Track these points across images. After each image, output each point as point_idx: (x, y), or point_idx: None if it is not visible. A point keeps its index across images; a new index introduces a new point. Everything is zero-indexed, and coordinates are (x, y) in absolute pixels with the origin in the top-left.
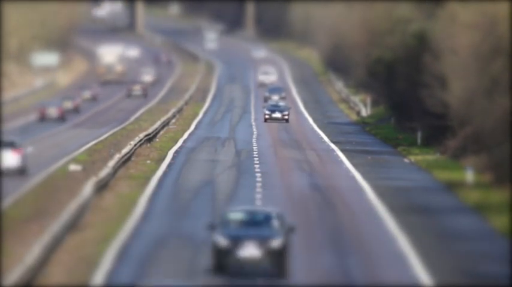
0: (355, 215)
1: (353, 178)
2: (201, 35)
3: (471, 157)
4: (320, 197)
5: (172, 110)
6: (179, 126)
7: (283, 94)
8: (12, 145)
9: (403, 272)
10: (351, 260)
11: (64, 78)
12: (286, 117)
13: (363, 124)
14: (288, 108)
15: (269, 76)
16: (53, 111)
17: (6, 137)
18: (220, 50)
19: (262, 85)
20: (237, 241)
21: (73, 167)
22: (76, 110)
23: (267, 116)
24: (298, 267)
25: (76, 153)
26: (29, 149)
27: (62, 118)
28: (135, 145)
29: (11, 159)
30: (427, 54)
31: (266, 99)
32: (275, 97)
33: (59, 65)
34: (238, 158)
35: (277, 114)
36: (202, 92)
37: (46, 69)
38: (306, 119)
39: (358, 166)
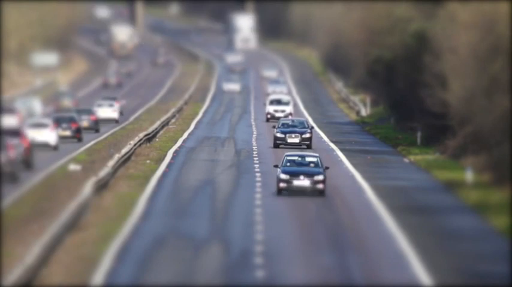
0: (355, 215)
1: (352, 177)
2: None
3: (471, 157)
4: (320, 198)
5: (172, 110)
6: (179, 126)
7: (308, 133)
8: (115, 99)
9: (403, 272)
10: (350, 260)
11: (64, 78)
12: (307, 142)
13: (362, 124)
14: (310, 127)
15: (283, 107)
16: (112, 80)
17: (109, 95)
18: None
19: (273, 119)
20: None
21: (73, 166)
22: (129, 75)
23: (278, 141)
24: (298, 267)
25: (76, 152)
26: (123, 102)
27: (119, 85)
28: (135, 144)
29: (115, 107)
30: (426, 54)
31: (277, 143)
32: (293, 139)
33: (58, 65)
34: (238, 157)
35: (294, 139)
36: (202, 92)
37: (46, 69)
38: (305, 119)
39: (357, 166)
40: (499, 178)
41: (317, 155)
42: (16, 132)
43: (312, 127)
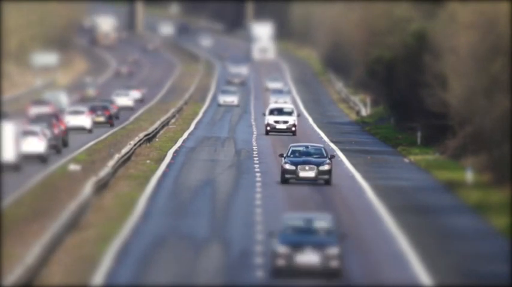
0: (355, 215)
1: (353, 177)
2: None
3: (471, 157)
4: (320, 197)
5: (172, 110)
6: (179, 126)
7: (327, 164)
8: (136, 88)
9: (403, 272)
10: (351, 260)
11: (64, 78)
12: (326, 176)
13: (362, 124)
14: (330, 156)
15: (285, 117)
16: (124, 70)
17: (128, 85)
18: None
19: (274, 131)
20: None
21: (73, 166)
22: (136, 63)
23: (288, 175)
24: None
25: (76, 152)
26: (145, 90)
27: (131, 74)
28: (135, 144)
29: (137, 94)
30: (426, 54)
31: (286, 177)
32: (307, 173)
33: (58, 65)
34: (237, 157)
35: (309, 172)
36: (202, 92)
37: (46, 69)
38: (305, 119)
39: (357, 166)
40: (499, 178)
41: (329, 216)
42: (56, 117)
43: (333, 156)
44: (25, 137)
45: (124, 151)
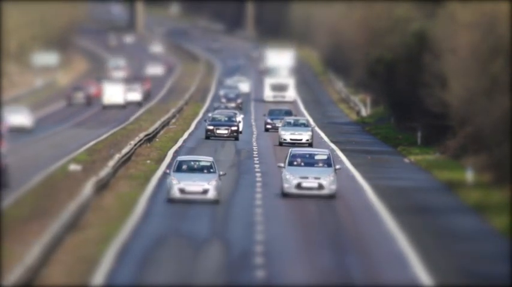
0: (355, 215)
1: (353, 177)
2: None
3: (471, 157)
4: (320, 197)
5: (172, 110)
6: (179, 126)
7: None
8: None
9: (403, 272)
10: (350, 260)
11: (64, 78)
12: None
13: (362, 124)
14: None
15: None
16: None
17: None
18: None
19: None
20: None
21: (73, 167)
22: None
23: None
24: (298, 267)
25: (76, 153)
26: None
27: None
28: (135, 144)
29: (159, 46)
30: (427, 54)
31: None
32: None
33: (59, 65)
34: (238, 158)
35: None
36: (202, 92)
37: (46, 69)
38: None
39: (358, 166)
40: (499, 178)
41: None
42: (142, 79)
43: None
44: (130, 91)
45: (124, 151)
